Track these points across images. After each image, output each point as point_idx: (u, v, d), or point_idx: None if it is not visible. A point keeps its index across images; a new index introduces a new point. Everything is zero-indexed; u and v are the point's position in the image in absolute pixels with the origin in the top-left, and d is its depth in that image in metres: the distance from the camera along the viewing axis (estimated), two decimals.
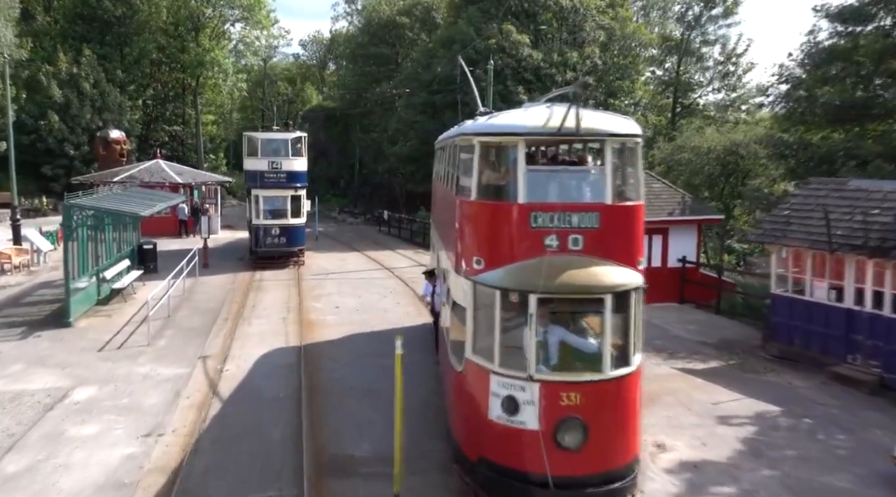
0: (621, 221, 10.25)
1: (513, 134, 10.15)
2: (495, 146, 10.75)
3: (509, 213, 10.10)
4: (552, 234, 9.91)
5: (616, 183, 10.28)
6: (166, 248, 33.35)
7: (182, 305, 22.67)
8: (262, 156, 30.01)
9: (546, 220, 9.92)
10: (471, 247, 10.51)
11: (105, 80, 48.61)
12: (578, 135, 10.05)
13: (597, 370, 9.77)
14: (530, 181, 10.07)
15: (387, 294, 24.57)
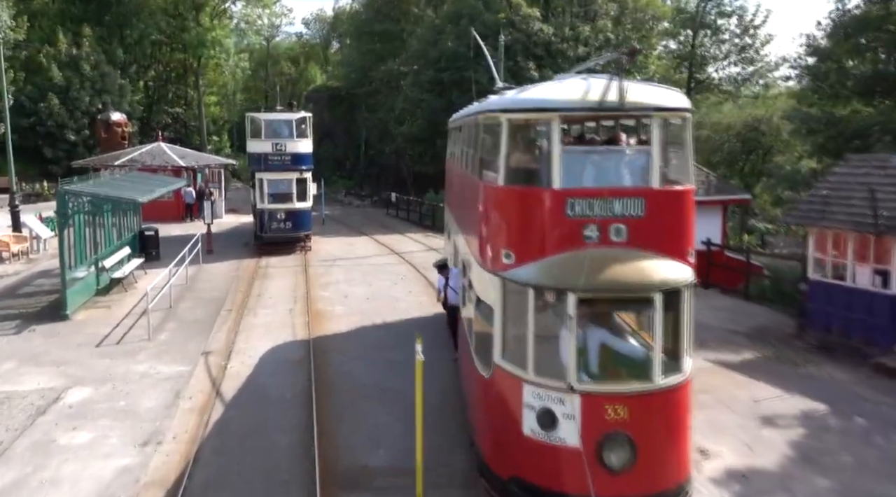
0: (669, 208, 9.08)
1: (547, 109, 8.94)
2: (526, 124, 9.60)
3: (543, 201, 8.95)
4: (592, 223, 8.77)
5: (664, 164, 9.11)
6: (169, 234, 32.38)
7: (184, 295, 21.63)
8: (266, 137, 28.81)
9: (584, 207, 8.77)
10: (498, 239, 9.37)
11: (105, 61, 47.32)
12: (623, 110, 8.85)
13: (646, 379, 8.65)
14: (567, 164, 8.90)
15: (398, 281, 23.48)
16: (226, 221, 38.42)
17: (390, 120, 53.63)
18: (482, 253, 9.92)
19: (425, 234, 34.90)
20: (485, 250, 9.76)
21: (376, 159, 59.74)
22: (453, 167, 15.48)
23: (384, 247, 30.53)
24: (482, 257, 9.90)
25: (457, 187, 14.23)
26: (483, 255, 9.85)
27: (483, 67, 38.99)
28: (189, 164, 38.60)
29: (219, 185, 40.38)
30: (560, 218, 8.82)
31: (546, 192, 8.92)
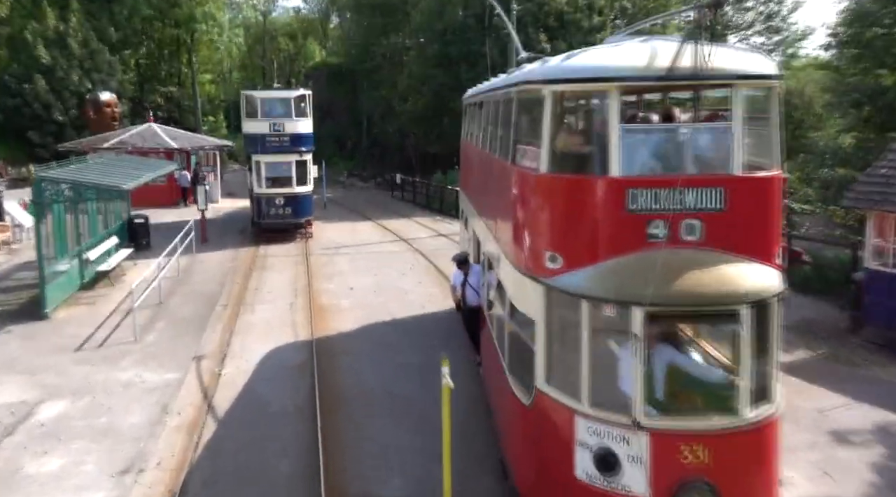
0: (754, 199, 7.37)
1: (604, 78, 7.18)
2: (576, 97, 7.90)
3: (598, 192, 7.27)
4: (658, 219, 7.08)
5: (747, 146, 7.37)
6: (162, 221, 30.62)
7: (176, 289, 19.95)
8: (263, 117, 26.93)
9: (649, 199, 7.08)
10: (541, 237, 7.67)
11: (95, 38, 45.24)
12: (701, 78, 7.09)
13: (731, 412, 6.99)
14: (627, 145, 7.18)
15: (406, 271, 21.77)
16: (222, 207, 36.63)
17: (394, 97, 51.55)
18: (518, 253, 8.24)
19: (433, 218, 33.12)
20: (522, 250, 8.07)
21: (379, 139, 57.69)
22: (471, 148, 13.71)
23: (390, 232, 28.78)
24: (518, 258, 8.22)
25: (478, 171, 12.48)
26: (520, 255, 8.16)
27: (493, 40, 37.24)
28: (182, 146, 36.72)
29: (213, 168, 38.46)
30: (619, 213, 7.13)
31: (602, 181, 7.23)
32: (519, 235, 8.21)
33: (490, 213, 10.62)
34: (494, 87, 10.79)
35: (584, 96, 7.95)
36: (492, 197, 10.45)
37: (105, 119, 41.56)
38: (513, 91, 8.72)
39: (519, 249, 8.22)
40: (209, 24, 51.88)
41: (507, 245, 8.85)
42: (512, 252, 8.55)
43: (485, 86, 12.50)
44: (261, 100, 27.02)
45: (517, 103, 8.56)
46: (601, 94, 7.30)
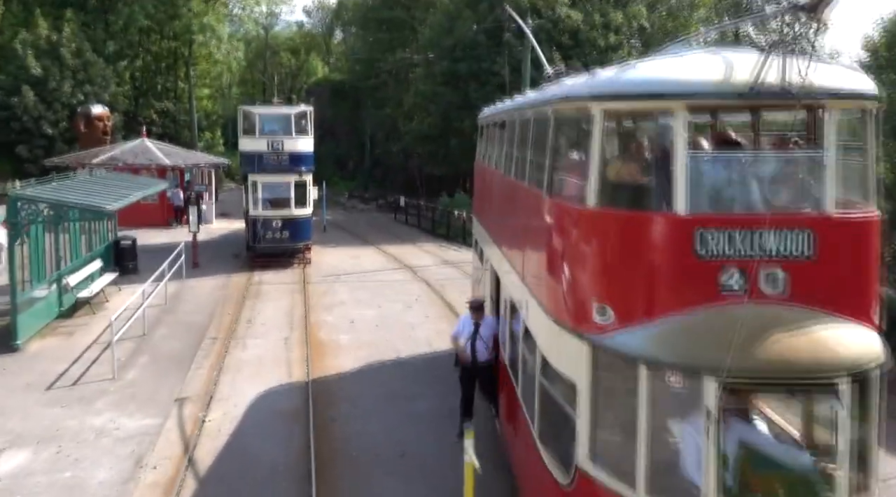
0: (849, 245, 6.06)
1: (670, 95, 5.86)
2: (633, 117, 6.61)
3: (660, 232, 5.96)
4: (734, 267, 5.76)
5: (841, 178, 6.06)
6: (151, 242, 29.36)
7: (162, 319, 18.54)
8: (261, 134, 25.65)
9: (723, 243, 5.78)
10: (588, 285, 6.33)
11: (90, 49, 44.05)
12: (793, 96, 5.76)
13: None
14: (695, 176, 5.87)
15: (412, 303, 20.36)
16: (216, 228, 35.27)
17: (398, 116, 50.40)
18: (555, 300, 6.89)
19: (439, 244, 31.73)
20: (561, 297, 6.73)
21: (382, 159, 56.44)
22: (490, 173, 12.38)
23: (394, 259, 27.38)
24: (555, 306, 6.87)
25: (499, 199, 11.14)
26: (557, 303, 6.82)
27: (504, 57, 36.07)
28: (176, 163, 35.42)
29: (206, 188, 37.04)
30: (686, 258, 5.82)
31: (664, 219, 5.92)
32: (556, 279, 6.87)
33: (514, 249, 9.27)
34: (522, 105, 9.47)
35: (642, 116, 6.66)
36: (517, 230, 9.11)
37: (96, 133, 40.29)
38: (549, 109, 7.39)
39: (556, 296, 6.87)
40: (207, 36, 50.69)
41: (540, 289, 7.50)
42: (546, 298, 7.19)
43: (508, 104, 11.20)
44: (259, 116, 25.76)
45: (555, 123, 7.23)
46: (665, 114, 5.98)
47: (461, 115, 38.32)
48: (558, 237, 6.85)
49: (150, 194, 23.71)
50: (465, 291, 21.76)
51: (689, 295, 5.82)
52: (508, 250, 9.74)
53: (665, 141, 6.05)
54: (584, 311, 6.24)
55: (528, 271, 8.22)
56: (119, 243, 23.82)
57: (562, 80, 9.23)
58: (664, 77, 5.98)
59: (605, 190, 6.10)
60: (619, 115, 6.59)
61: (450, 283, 23.00)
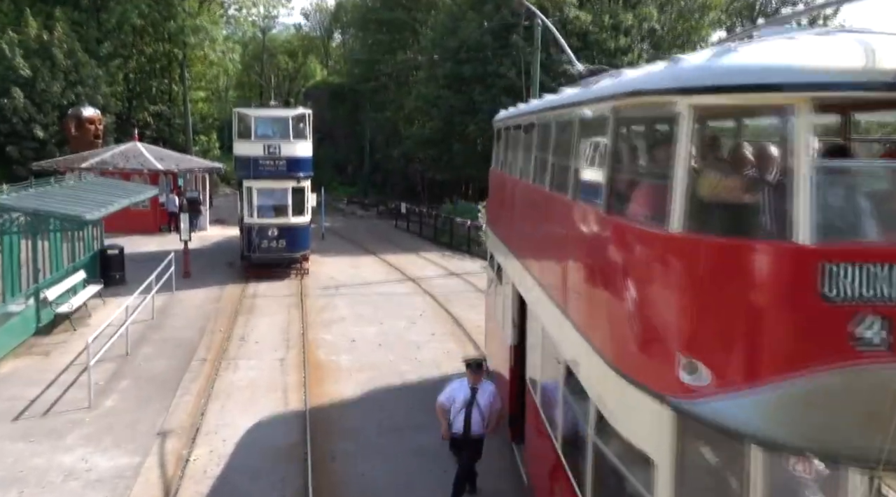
0: None
1: (789, 86, 4.43)
2: (736, 114, 5.23)
3: (774, 267, 4.52)
4: (874, 314, 4.34)
5: None
6: (141, 250, 28.00)
7: (148, 337, 17.10)
8: (257, 138, 24.25)
9: (859, 282, 4.36)
10: (671, 333, 4.87)
11: (81, 49, 42.63)
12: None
13: None
14: (823, 193, 4.46)
15: (416, 319, 18.94)
16: (210, 235, 33.83)
17: (399, 120, 49.06)
18: (618, 346, 5.47)
19: (442, 253, 30.31)
20: (629, 344, 5.30)
21: (382, 164, 55.02)
22: (512, 182, 10.97)
23: (396, 270, 25.95)
24: (619, 355, 5.44)
25: (525, 212, 9.73)
26: (622, 351, 5.40)
27: (510, 60, 34.77)
28: (168, 167, 33.95)
29: (199, 193, 35.46)
30: (810, 302, 4.37)
31: (781, 250, 4.48)
32: (621, 320, 5.44)
33: (552, 274, 7.84)
34: (561, 104, 8.04)
35: (747, 114, 5.25)
36: (556, 252, 7.69)
37: (87, 136, 38.84)
38: (608, 107, 5.96)
39: (620, 340, 5.45)
40: (201, 37, 49.21)
41: (595, 328, 6.07)
42: (605, 341, 5.77)
43: (538, 103, 9.76)
44: (255, 118, 24.35)
45: (615, 124, 5.80)
46: (781, 111, 4.57)
47: (465, 119, 37.05)
48: (625, 268, 5.43)
49: (138, 201, 22.19)
50: (473, 305, 20.39)
51: (813, 350, 4.39)
52: (542, 274, 8.32)
53: (779, 147, 4.65)
54: (664, 366, 4.81)
55: (574, 304, 6.78)
56: (105, 252, 22.41)
57: (600, 78, 7.88)
58: (781, 63, 4.53)
59: (697, 210, 4.68)
60: (714, 113, 5.16)
61: (455, 296, 21.62)
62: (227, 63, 56.41)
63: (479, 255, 29.46)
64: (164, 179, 34.45)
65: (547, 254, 8.23)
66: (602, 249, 5.94)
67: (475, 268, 26.94)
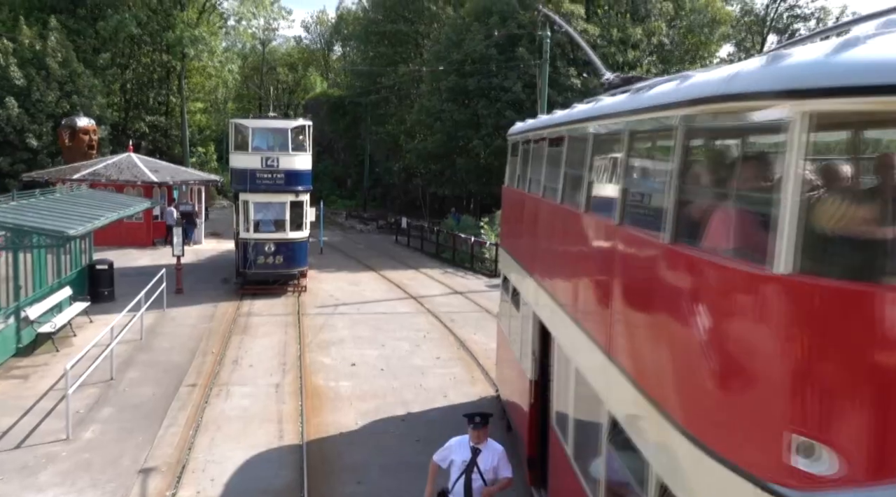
0: None
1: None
2: (858, 124, 4.27)
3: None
4: None
5: None
6: (133, 265, 27.09)
7: (135, 359, 16.07)
8: (254, 150, 23.31)
9: None
10: (780, 405, 3.77)
11: (77, 59, 41.78)
12: None
13: None
14: None
15: (420, 341, 17.95)
16: (205, 248, 32.88)
17: (400, 133, 48.23)
18: (699, 414, 4.41)
19: (444, 270, 29.34)
20: (714, 413, 4.26)
21: (382, 178, 54.10)
22: (533, 200, 10.02)
23: (397, 287, 24.97)
24: (699, 425, 4.36)
25: (551, 235, 8.76)
26: (704, 420, 4.34)
27: (515, 72, 33.97)
28: (163, 179, 33.00)
29: (192, 206, 34.45)
30: None
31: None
32: (698, 379, 4.41)
33: (589, 309, 6.84)
34: (603, 114, 7.08)
35: (875, 124, 4.26)
36: (596, 286, 6.68)
37: (81, 147, 37.90)
38: (675, 116, 5.00)
39: (701, 406, 4.40)
40: (200, 49, 48.36)
41: (659, 385, 5.01)
42: (674, 401, 4.74)
43: (570, 113, 8.79)
44: (252, 130, 23.42)
45: (685, 137, 4.85)
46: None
47: (468, 133, 36.23)
48: (707, 315, 4.40)
49: (129, 215, 21.18)
50: (480, 326, 19.43)
51: None
52: (574, 308, 7.32)
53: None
54: (767, 444, 3.78)
55: (625, 350, 5.74)
56: (94, 267, 21.39)
57: (637, 87, 6.92)
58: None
59: (814, 247, 3.69)
60: (833, 123, 4.17)
61: (460, 316, 20.65)
62: (227, 74, 55.61)
63: (483, 272, 28.54)
64: (159, 192, 33.50)
65: (581, 285, 7.25)
66: (662, 289, 4.94)
67: (479, 285, 26.00)
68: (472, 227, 32.70)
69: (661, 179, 5.26)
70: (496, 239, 29.67)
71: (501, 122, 33.93)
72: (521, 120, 32.95)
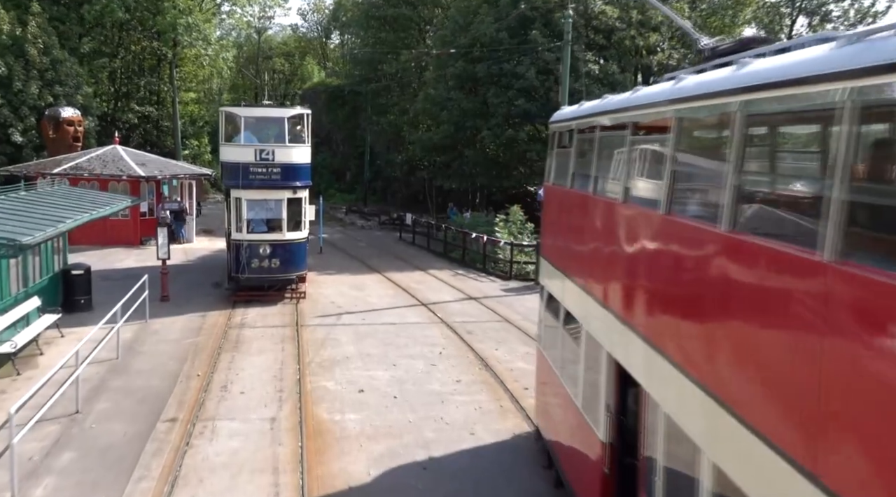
0: None
1: None
2: None
3: None
4: None
5: None
6: (118, 266, 25.04)
7: (107, 385, 13.84)
8: (248, 141, 21.05)
9: None
10: None
11: (59, 46, 39.37)
12: None
13: None
14: None
15: (435, 359, 15.75)
16: (196, 248, 30.66)
17: (402, 124, 45.88)
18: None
19: (454, 271, 27.11)
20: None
21: (383, 171, 51.75)
22: (599, 203, 7.79)
23: (405, 292, 22.73)
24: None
25: (627, 250, 6.58)
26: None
27: (528, 58, 31.66)
28: (151, 173, 30.64)
29: (179, 202, 32.12)
30: None
31: None
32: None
33: (714, 357, 4.68)
34: (713, 92, 4.91)
35: None
36: (738, 332, 4.51)
37: (65, 139, 35.63)
38: (842, 90, 2.96)
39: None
40: (192, 36, 45.85)
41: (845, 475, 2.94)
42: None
43: (651, 93, 6.58)
44: (245, 119, 21.10)
45: (858, 117, 2.83)
46: None
47: (477, 123, 33.95)
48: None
49: (105, 215, 18.87)
50: (501, 340, 17.23)
51: None
52: (687, 356, 5.13)
53: None
54: None
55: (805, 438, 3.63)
56: (69, 273, 19.14)
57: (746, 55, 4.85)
58: None
59: None
60: None
61: (478, 327, 18.48)
62: (221, 62, 53.11)
63: (497, 274, 26.36)
64: (147, 187, 31.22)
65: (703, 328, 5.05)
66: (833, 325, 2.90)
67: (494, 289, 23.82)
68: (482, 225, 30.44)
69: (808, 175, 3.30)
70: (510, 237, 27.48)
71: (512, 111, 31.64)
72: (534, 109, 30.73)
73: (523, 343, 16.99)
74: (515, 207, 29.48)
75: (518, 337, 17.68)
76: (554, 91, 30.33)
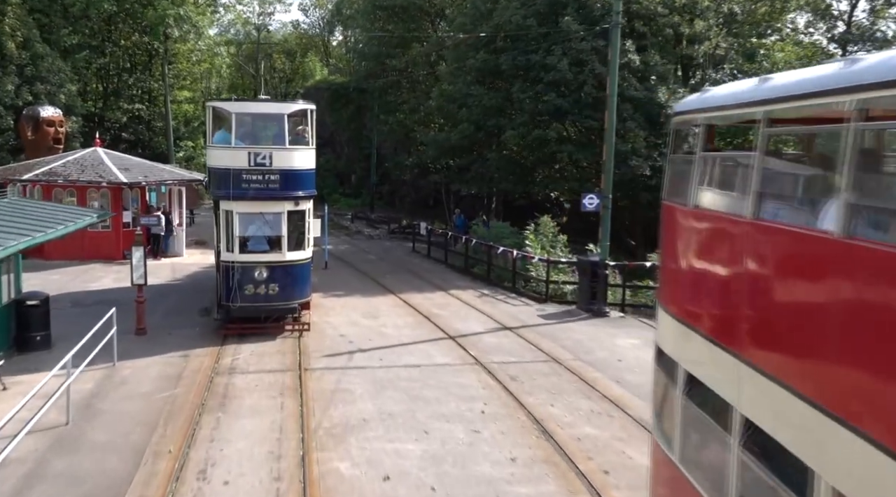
0: None
1: None
2: None
3: None
4: None
5: None
6: (92, 287, 21.86)
7: (47, 469, 10.41)
8: (240, 143, 17.62)
9: None
10: None
11: (40, 39, 36.15)
12: None
13: None
14: None
15: (477, 422, 12.30)
16: (186, 263, 27.31)
17: (413, 123, 42.47)
18: None
19: (479, 291, 23.66)
20: None
21: (391, 174, 48.34)
22: (781, 234, 4.41)
23: (427, 320, 19.29)
24: None
25: (848, 304, 3.26)
26: None
27: (560, 48, 28.27)
28: (134, 179, 27.16)
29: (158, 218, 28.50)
30: None
31: None
32: None
33: None
34: None
35: None
36: None
37: (45, 140, 32.41)
38: None
39: None
40: (185, 29, 42.50)
41: None
42: None
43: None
44: (236, 116, 17.56)
45: None
46: None
47: (500, 121, 30.54)
48: None
49: (59, 235, 15.31)
50: (556, 391, 13.75)
51: None
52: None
53: None
54: None
55: None
56: (22, 304, 15.74)
57: None
58: None
59: None
60: None
61: (521, 370, 15.11)
62: (217, 60, 49.72)
63: (529, 295, 22.96)
64: (131, 194, 27.87)
65: None
66: None
67: (530, 315, 20.42)
68: (507, 236, 27.04)
69: None
70: (543, 252, 24.10)
71: (540, 107, 28.23)
72: (566, 104, 27.11)
73: (584, 396, 13.58)
74: (546, 218, 26.14)
75: (574, 385, 14.28)
76: (589, 84, 26.96)
